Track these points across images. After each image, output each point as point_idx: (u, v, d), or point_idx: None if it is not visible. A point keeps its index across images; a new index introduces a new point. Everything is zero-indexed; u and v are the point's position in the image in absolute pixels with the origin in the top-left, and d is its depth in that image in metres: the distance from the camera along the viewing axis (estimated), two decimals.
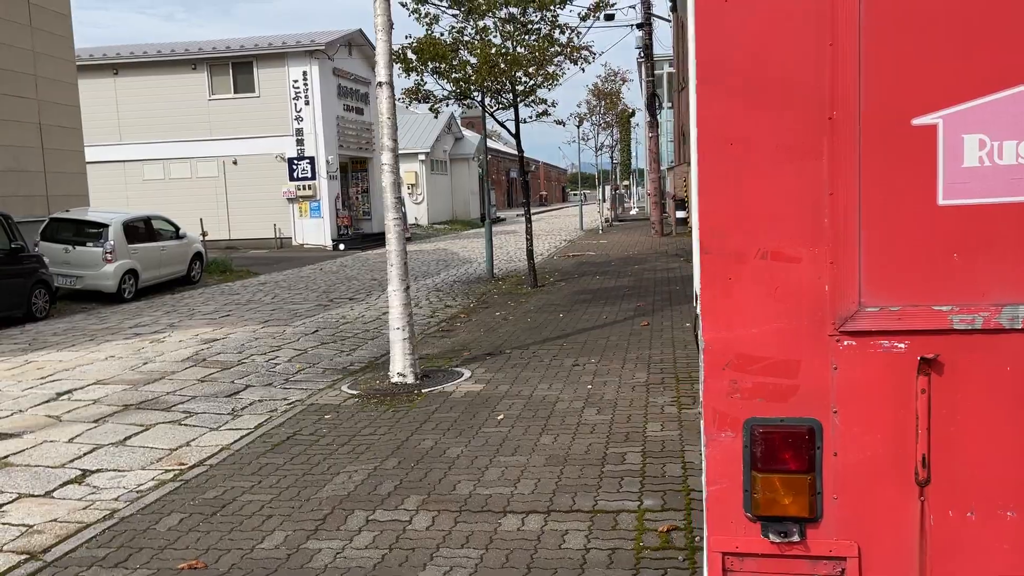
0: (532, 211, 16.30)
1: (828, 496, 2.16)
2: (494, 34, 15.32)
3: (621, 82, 39.31)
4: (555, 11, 15.89)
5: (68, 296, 15.52)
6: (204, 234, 21.54)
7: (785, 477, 2.15)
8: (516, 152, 16.58)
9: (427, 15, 15.04)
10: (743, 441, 2.19)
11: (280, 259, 25.03)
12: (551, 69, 14.81)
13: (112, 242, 15.80)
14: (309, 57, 28.43)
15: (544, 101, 15.43)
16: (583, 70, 19.23)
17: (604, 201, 41.07)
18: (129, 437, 6.59)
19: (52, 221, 16.21)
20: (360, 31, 31.25)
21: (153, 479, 5.61)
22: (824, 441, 2.15)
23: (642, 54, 28.38)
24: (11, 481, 5.63)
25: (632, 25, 27.41)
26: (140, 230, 17.10)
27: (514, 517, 4.58)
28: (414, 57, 14.46)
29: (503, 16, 15.42)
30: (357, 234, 30.81)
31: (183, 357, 9.68)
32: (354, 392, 7.76)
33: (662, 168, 38.49)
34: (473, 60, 14.49)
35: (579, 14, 16.02)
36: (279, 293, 16.19)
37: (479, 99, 15.31)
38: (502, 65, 14.08)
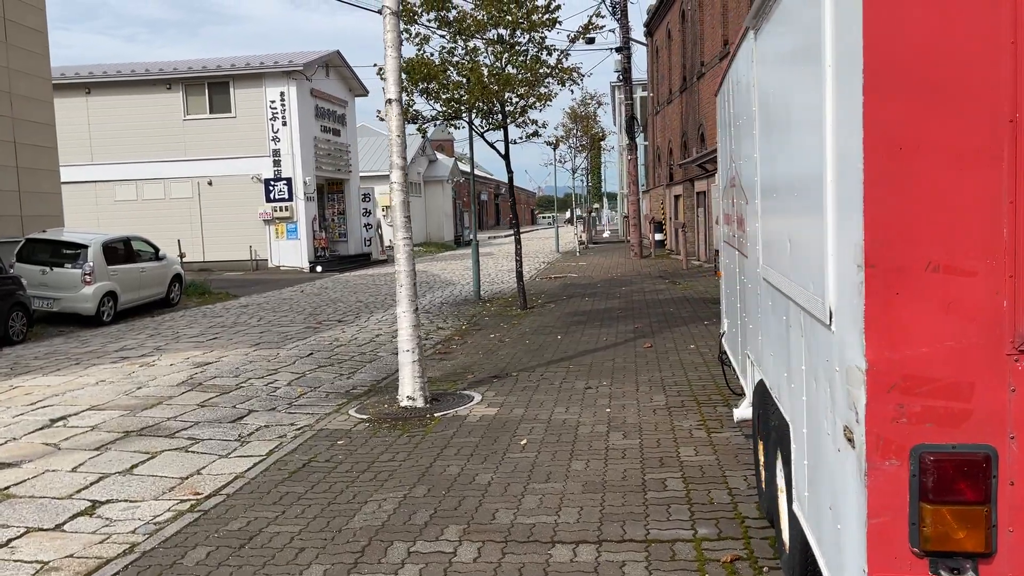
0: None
1: (1003, 529, 2.01)
2: (484, 54, 15.25)
3: (597, 105, 39.46)
4: (543, 33, 15.91)
5: (44, 319, 15.04)
6: (182, 255, 21.12)
7: (958, 509, 1.99)
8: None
9: (417, 35, 14.95)
10: (910, 470, 2.03)
11: (257, 281, 24.62)
12: (543, 90, 14.75)
13: (91, 263, 15.37)
14: (287, 78, 28.17)
15: (535, 122, 15.39)
16: (572, 91, 19.18)
17: (578, 223, 41.13)
18: (135, 465, 6.28)
19: (28, 242, 15.73)
20: (338, 52, 31.08)
21: (169, 510, 5.32)
22: (1000, 469, 2.00)
23: (620, 77, 28.50)
24: (16, 514, 5.30)
25: (611, 49, 27.56)
26: (119, 251, 16.66)
27: (564, 548, 4.37)
28: (404, 77, 14.32)
29: (491, 37, 15.36)
30: (334, 256, 30.46)
31: (178, 381, 9.35)
32: (363, 416, 7.51)
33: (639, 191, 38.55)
34: (465, 80, 14.38)
35: (568, 36, 16.06)
36: (264, 316, 15.85)
37: (468, 119, 15.19)
38: (494, 86, 13.97)
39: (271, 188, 28.55)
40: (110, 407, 8.15)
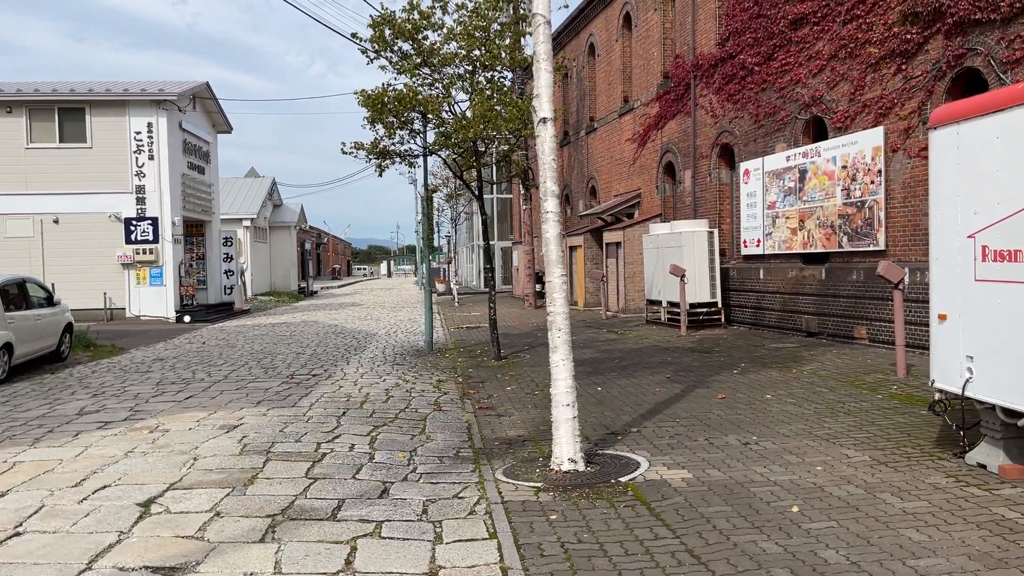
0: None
1: None
2: (459, 88, 14.42)
3: None
4: (501, 72, 15.43)
5: None
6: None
7: None
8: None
9: (397, 64, 13.90)
10: None
11: (126, 332, 21.75)
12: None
13: None
14: (156, 107, 25.51)
15: (518, 163, 14.60)
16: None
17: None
18: (348, 560, 4.83)
19: None
20: (207, 85, 28.73)
21: None
22: None
23: None
24: None
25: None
26: (13, 295, 13.99)
27: None
28: (392, 108, 13.15)
29: (456, 73, 14.57)
30: (200, 306, 27.66)
31: (234, 451, 7.62)
32: (534, 485, 6.36)
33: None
34: (458, 115, 13.42)
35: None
36: (209, 371, 13.76)
37: (448, 155, 14.20)
38: (497, 120, 13.10)
39: (133, 228, 25.58)
40: (197, 485, 6.42)
